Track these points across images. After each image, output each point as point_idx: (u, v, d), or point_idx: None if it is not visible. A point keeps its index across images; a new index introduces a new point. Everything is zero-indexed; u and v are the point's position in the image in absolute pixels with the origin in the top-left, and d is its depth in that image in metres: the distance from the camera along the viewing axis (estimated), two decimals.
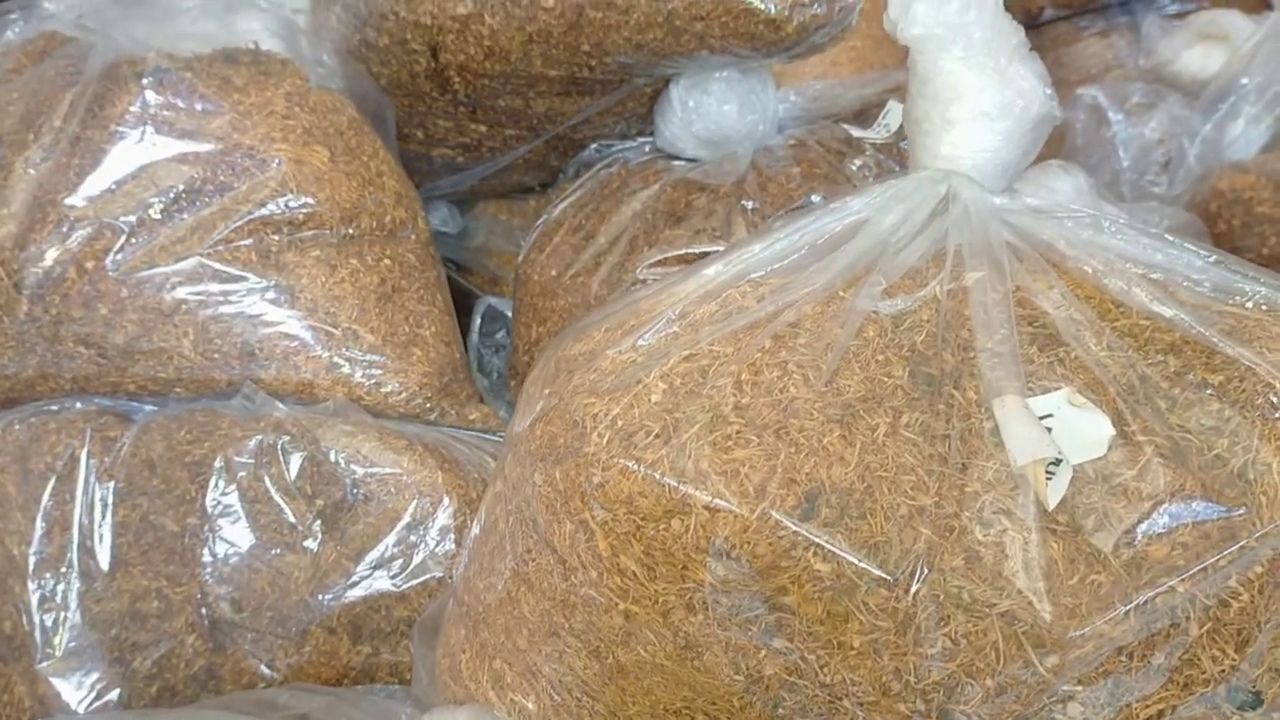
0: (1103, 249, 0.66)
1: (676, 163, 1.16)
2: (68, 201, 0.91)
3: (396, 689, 0.86)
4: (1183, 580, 0.55)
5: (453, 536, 0.88)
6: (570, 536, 0.63)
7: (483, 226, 1.41)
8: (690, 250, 1.04)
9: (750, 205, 1.06)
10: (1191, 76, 1.51)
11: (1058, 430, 0.58)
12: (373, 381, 0.96)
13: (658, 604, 0.60)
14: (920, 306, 0.64)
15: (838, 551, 0.56)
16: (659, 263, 1.05)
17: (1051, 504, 0.56)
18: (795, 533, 0.56)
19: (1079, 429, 0.58)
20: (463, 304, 1.27)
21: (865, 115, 1.17)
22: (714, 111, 1.11)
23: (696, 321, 0.66)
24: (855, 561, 0.56)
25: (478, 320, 1.29)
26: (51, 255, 0.91)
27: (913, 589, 0.56)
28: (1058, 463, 0.57)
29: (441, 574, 0.87)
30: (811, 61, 1.47)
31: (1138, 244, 0.67)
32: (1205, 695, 0.56)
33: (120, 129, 0.93)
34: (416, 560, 0.87)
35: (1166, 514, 0.56)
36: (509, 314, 1.26)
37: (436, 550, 0.88)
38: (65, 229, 0.91)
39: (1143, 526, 0.56)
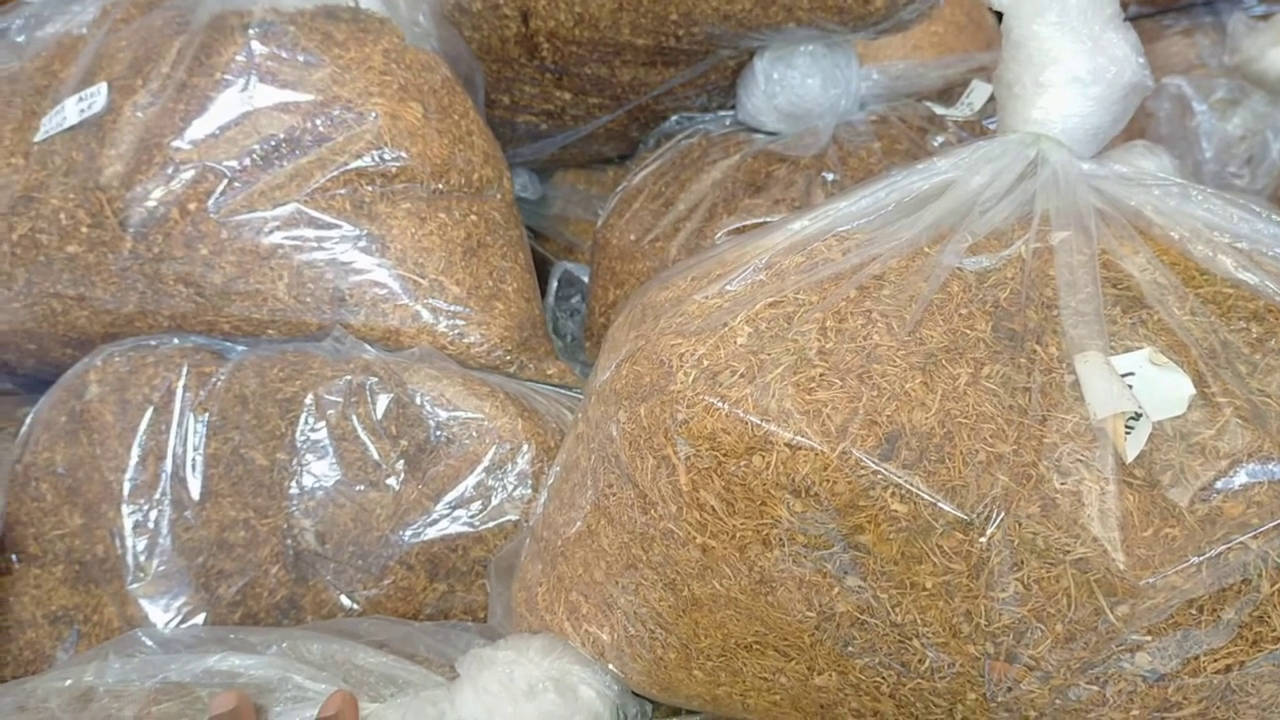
0: (1189, 217, 0.67)
1: (757, 135, 1.18)
2: (173, 145, 0.95)
3: (471, 624, 0.88)
4: (1256, 537, 0.55)
5: (530, 481, 0.90)
6: (652, 472, 0.65)
7: (561, 194, 1.43)
8: (769, 220, 1.06)
9: (831, 178, 1.07)
10: (1277, 75, 1.49)
11: (1138, 387, 0.59)
12: (456, 332, 0.98)
13: (735, 539, 0.62)
14: (1005, 265, 0.65)
15: (916, 492, 0.57)
16: (737, 230, 1.06)
17: (1130, 457, 0.57)
18: (875, 472, 0.58)
19: (1160, 387, 0.59)
20: (539, 270, 1.29)
21: (948, 94, 1.18)
22: (797, 85, 1.13)
23: (783, 271, 0.68)
24: (932, 503, 0.57)
25: (554, 284, 1.32)
26: (156, 195, 0.94)
27: (988, 533, 0.57)
28: (1137, 418, 0.58)
29: (518, 517, 0.90)
30: (894, 45, 1.49)
31: (1224, 213, 0.67)
32: (1274, 653, 0.57)
33: (226, 77, 0.96)
34: (494, 503, 0.90)
35: (1244, 473, 0.57)
36: (585, 280, 1.28)
37: (514, 494, 0.90)
38: (170, 171, 0.94)
39: (1219, 484, 0.57)
